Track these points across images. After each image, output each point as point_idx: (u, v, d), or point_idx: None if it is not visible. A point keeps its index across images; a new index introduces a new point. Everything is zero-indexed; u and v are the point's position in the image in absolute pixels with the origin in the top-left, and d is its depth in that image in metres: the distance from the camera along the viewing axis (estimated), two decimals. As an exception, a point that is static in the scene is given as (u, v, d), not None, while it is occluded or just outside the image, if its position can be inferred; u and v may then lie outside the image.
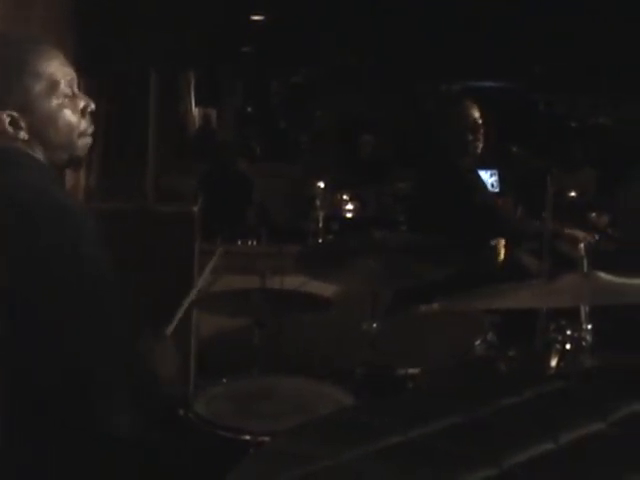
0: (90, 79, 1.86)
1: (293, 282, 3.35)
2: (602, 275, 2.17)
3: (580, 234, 3.60)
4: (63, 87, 1.75)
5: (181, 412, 2.23)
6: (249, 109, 16.26)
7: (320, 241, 5.26)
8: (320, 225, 5.51)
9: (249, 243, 5.25)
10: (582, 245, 2.32)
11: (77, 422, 1.63)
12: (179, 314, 2.28)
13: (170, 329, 2.19)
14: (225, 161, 7.16)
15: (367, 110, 12.98)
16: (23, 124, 1.71)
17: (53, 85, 1.73)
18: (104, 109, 4.66)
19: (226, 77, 13.36)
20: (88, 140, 1.82)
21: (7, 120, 1.70)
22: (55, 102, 1.74)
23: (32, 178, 1.68)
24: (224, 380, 2.48)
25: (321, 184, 5.82)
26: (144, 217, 3.83)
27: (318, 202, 5.62)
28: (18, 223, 1.58)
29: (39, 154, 1.75)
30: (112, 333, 1.66)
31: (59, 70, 1.75)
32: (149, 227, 3.72)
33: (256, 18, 10.38)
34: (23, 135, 1.71)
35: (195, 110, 12.16)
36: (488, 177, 7.11)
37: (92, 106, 1.82)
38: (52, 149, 1.76)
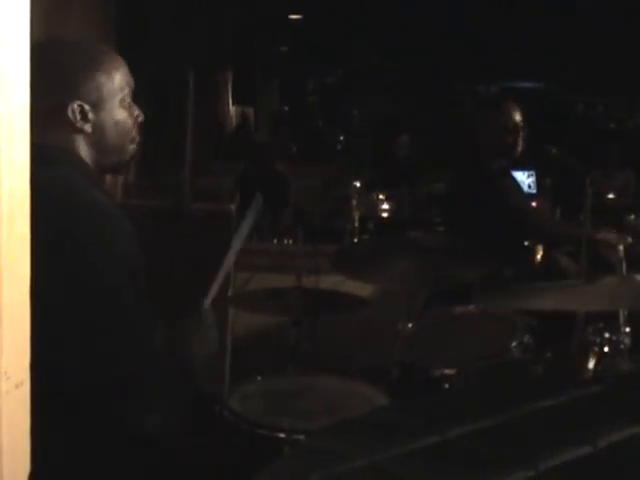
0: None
1: (329, 281, 3.35)
2: (641, 278, 2.15)
3: (613, 237, 3.49)
4: (126, 94, 1.82)
5: (216, 409, 2.24)
6: (285, 109, 16.32)
7: (356, 241, 5.26)
8: (356, 225, 5.50)
9: (285, 242, 5.26)
10: (621, 248, 2.29)
11: (109, 423, 1.65)
12: (218, 280, 2.18)
13: (209, 300, 2.08)
14: (261, 160, 7.17)
15: (403, 110, 12.96)
16: (91, 118, 1.75)
17: (120, 89, 1.80)
18: (142, 108, 4.69)
19: (263, 77, 13.41)
20: (134, 148, 1.89)
21: (77, 110, 1.73)
22: (120, 105, 1.80)
23: (68, 177, 1.69)
24: (259, 378, 2.48)
25: (357, 184, 5.80)
26: (181, 215, 3.85)
27: (354, 202, 5.60)
28: (51, 221, 1.57)
29: (84, 153, 1.77)
30: (136, 332, 1.67)
31: (124, 78, 1.82)
32: (185, 225, 3.74)
33: (293, 17, 10.42)
34: (88, 128, 1.75)
35: (232, 109, 12.22)
36: (525, 178, 7.05)
37: (142, 117, 1.89)
38: (105, 149, 1.80)
